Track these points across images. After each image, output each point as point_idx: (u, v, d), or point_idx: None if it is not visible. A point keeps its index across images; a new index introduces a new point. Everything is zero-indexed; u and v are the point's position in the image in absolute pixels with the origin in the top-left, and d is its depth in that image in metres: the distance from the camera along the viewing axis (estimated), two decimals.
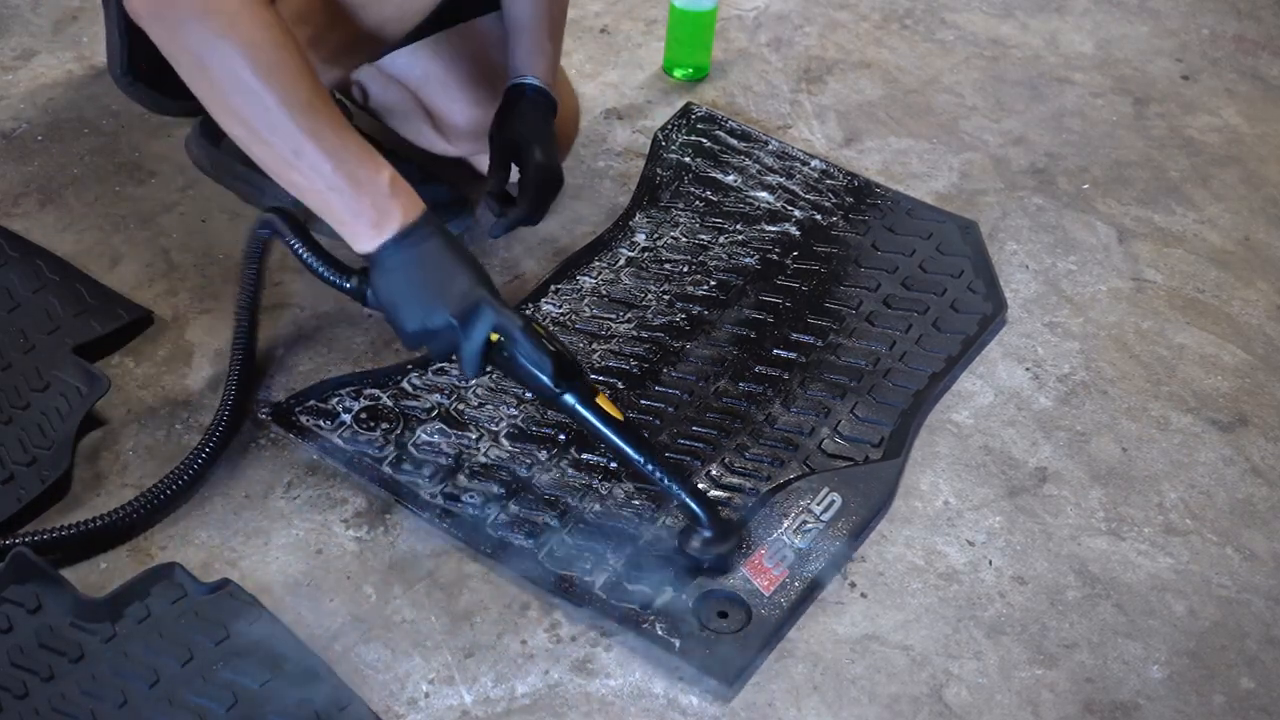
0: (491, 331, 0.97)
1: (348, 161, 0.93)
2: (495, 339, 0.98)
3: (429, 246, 0.96)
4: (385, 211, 0.95)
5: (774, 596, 1.03)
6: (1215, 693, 1.01)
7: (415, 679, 0.98)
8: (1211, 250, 1.47)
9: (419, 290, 0.96)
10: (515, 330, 0.97)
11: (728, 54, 1.73)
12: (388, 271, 0.96)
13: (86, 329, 1.19)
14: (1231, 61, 1.82)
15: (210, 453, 1.09)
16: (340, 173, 0.93)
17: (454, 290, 0.97)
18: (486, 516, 1.08)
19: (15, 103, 1.51)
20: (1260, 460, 1.22)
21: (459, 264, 0.98)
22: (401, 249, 0.95)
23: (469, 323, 0.97)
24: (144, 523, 1.05)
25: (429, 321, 0.97)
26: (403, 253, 0.95)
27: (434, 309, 0.97)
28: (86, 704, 0.92)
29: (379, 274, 0.97)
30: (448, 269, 0.97)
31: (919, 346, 1.27)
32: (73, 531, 1.02)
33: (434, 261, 0.96)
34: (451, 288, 0.97)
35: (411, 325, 0.98)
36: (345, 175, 0.93)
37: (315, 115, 0.92)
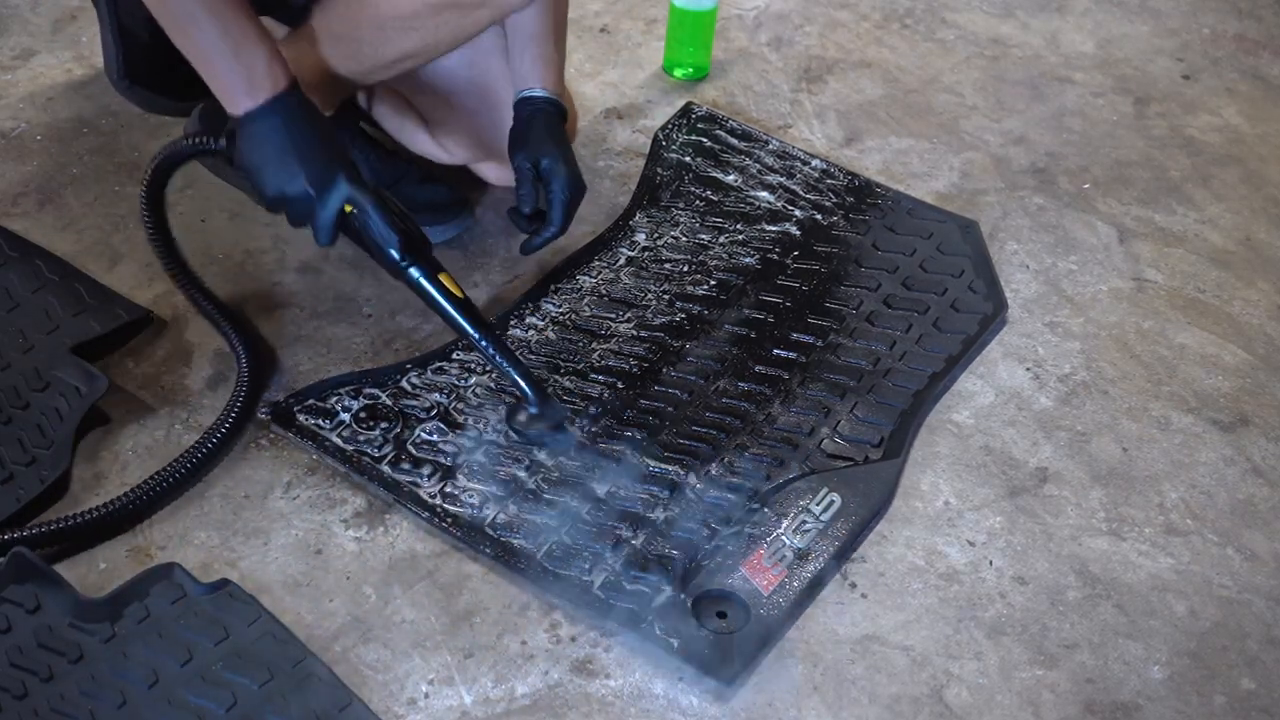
0: (345, 203, 1.04)
1: (233, 33, 1.01)
2: (349, 210, 1.04)
3: (293, 116, 1.03)
4: (255, 81, 1.02)
5: (773, 596, 1.03)
6: (1216, 693, 1.01)
7: (415, 679, 0.98)
8: (1212, 250, 1.47)
9: (280, 156, 1.03)
10: (367, 203, 1.04)
11: (728, 53, 1.73)
12: (252, 135, 1.03)
13: (86, 329, 1.19)
14: (1232, 61, 1.81)
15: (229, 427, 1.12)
16: (225, 40, 1.01)
17: (313, 160, 1.04)
18: (485, 516, 1.07)
19: (14, 102, 1.50)
20: (1261, 460, 1.21)
21: (320, 137, 1.05)
22: (268, 115, 1.02)
23: (324, 192, 1.04)
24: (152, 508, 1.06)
25: (287, 187, 1.04)
26: (268, 119, 1.02)
27: (292, 176, 1.03)
28: (86, 704, 0.92)
29: (244, 137, 1.04)
30: (309, 140, 1.04)
31: (919, 346, 1.27)
32: (90, 517, 1.02)
33: (297, 131, 1.03)
34: (311, 158, 1.04)
35: (270, 189, 1.04)
36: (230, 43, 1.01)
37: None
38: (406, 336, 1.26)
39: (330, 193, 1.04)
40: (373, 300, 1.30)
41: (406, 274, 1.07)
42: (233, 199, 1.39)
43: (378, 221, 1.05)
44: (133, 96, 1.47)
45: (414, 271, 1.07)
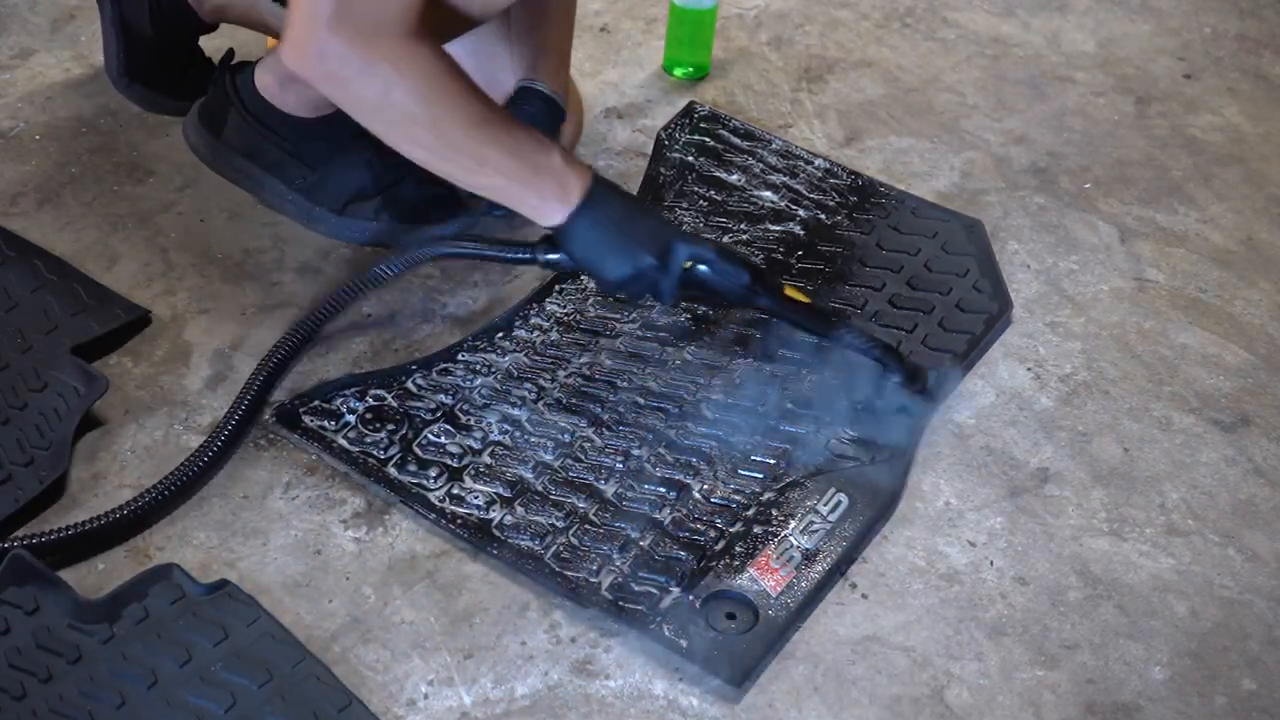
0: (688, 260, 1.09)
1: (525, 155, 1.05)
2: (688, 266, 1.10)
3: (611, 204, 1.08)
4: (566, 186, 1.06)
5: (781, 597, 1.02)
6: (1217, 694, 1.01)
7: (414, 680, 0.97)
8: (1214, 250, 1.46)
9: (617, 242, 1.08)
10: (709, 253, 1.10)
11: (728, 53, 1.73)
12: (581, 235, 1.07)
13: (84, 329, 1.19)
14: (1234, 60, 1.81)
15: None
16: (523, 167, 1.04)
17: (646, 234, 1.09)
18: (493, 518, 1.07)
19: (13, 102, 1.50)
20: (1262, 461, 1.21)
21: (640, 211, 1.11)
22: (588, 213, 1.06)
23: (668, 258, 1.09)
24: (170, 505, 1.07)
25: (633, 268, 1.08)
26: (590, 215, 1.07)
27: (635, 256, 1.08)
28: (85, 705, 0.91)
29: (573, 239, 1.08)
30: (633, 219, 1.09)
31: (924, 346, 1.27)
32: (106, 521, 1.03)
33: (620, 216, 1.09)
34: (644, 233, 1.09)
35: (616, 274, 1.09)
36: (528, 168, 1.05)
37: (489, 125, 1.03)
38: (406, 337, 1.26)
39: (673, 257, 1.08)
40: (372, 300, 1.30)
41: (759, 301, 1.13)
42: (232, 199, 1.38)
43: (722, 265, 1.10)
44: (132, 95, 1.47)
45: (764, 299, 1.13)
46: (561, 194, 1.05)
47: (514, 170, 1.04)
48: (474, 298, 1.31)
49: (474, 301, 1.31)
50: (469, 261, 1.35)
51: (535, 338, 1.25)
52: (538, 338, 1.25)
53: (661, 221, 1.13)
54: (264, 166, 1.31)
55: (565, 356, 1.23)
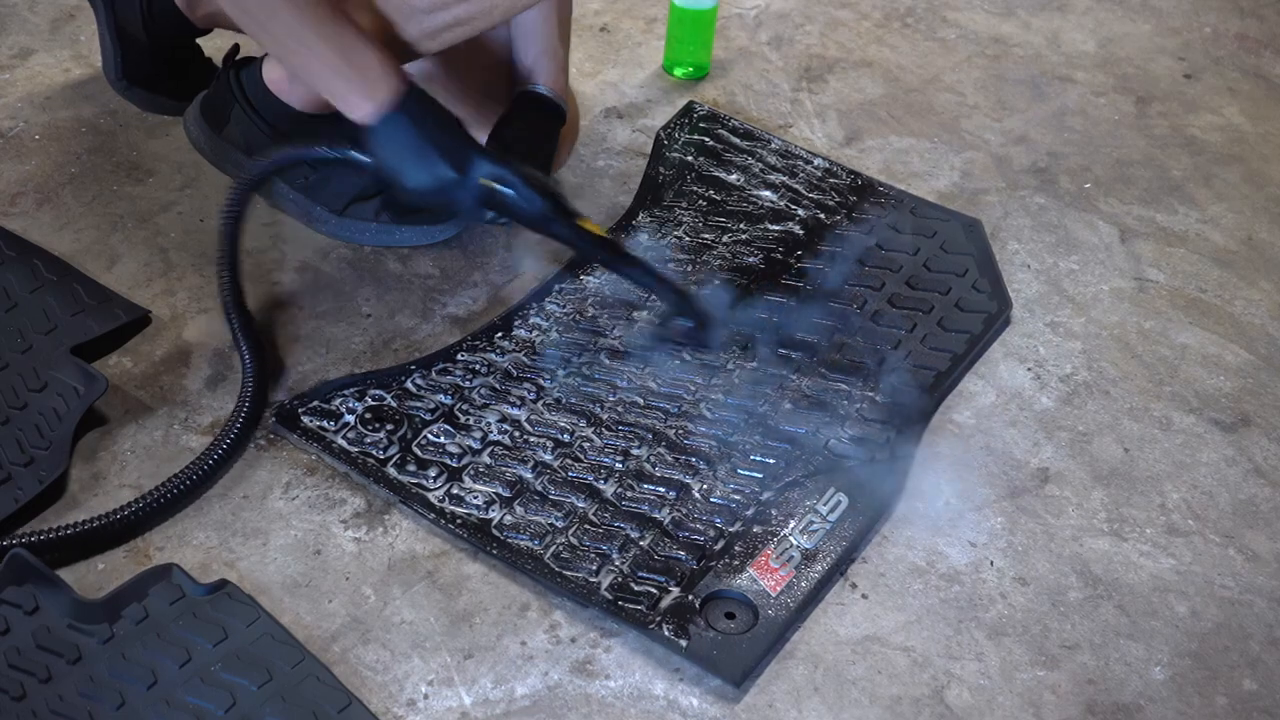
0: (487, 177, 1.12)
1: (347, 46, 1.08)
2: (487, 183, 1.12)
3: (420, 114, 1.10)
4: (374, 84, 1.08)
5: (781, 597, 1.02)
6: (1218, 694, 1.01)
7: (414, 680, 0.97)
8: (1214, 250, 1.46)
9: (417, 149, 1.10)
10: (508, 174, 1.12)
11: (728, 52, 1.73)
12: (384, 137, 1.10)
13: (84, 329, 1.19)
14: (1234, 60, 1.81)
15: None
16: (341, 58, 1.07)
17: (448, 146, 1.11)
18: (492, 518, 1.07)
19: (13, 102, 1.50)
20: (1263, 461, 1.21)
21: (446, 122, 1.13)
22: (395, 115, 1.09)
23: (467, 172, 1.11)
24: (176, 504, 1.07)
25: (431, 176, 1.11)
26: (396, 119, 1.09)
27: (434, 164, 1.11)
28: (84, 705, 0.91)
29: (376, 140, 1.10)
30: (439, 128, 1.12)
31: (924, 345, 1.27)
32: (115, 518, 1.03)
33: (426, 122, 1.11)
34: (446, 144, 1.11)
35: (414, 182, 1.12)
36: (346, 60, 1.08)
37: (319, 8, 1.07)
38: (406, 337, 1.26)
39: (472, 171, 1.11)
40: (372, 300, 1.29)
41: (552, 227, 1.16)
42: None
43: (521, 189, 1.13)
44: (131, 97, 1.47)
45: (558, 226, 1.16)
46: (370, 91, 1.08)
47: (331, 58, 1.07)
48: (474, 298, 1.31)
49: (474, 301, 1.31)
50: (469, 261, 1.35)
51: (535, 338, 1.25)
52: (537, 338, 1.25)
53: (466, 138, 1.14)
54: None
55: (565, 356, 1.23)
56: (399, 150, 1.10)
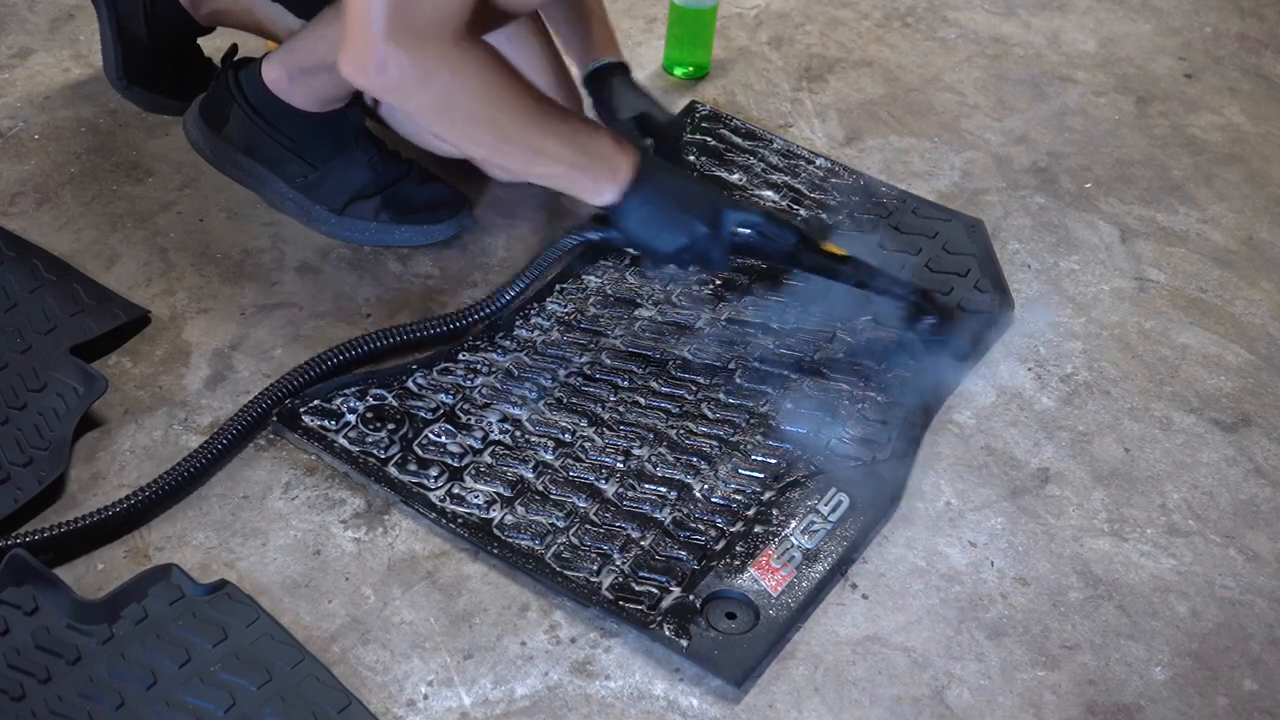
0: (737, 226, 1.14)
1: (579, 142, 1.09)
2: (737, 231, 1.15)
3: (660, 180, 1.13)
4: (616, 167, 1.10)
5: (781, 597, 1.02)
6: (1218, 694, 1.01)
7: (414, 680, 0.97)
8: (1214, 250, 1.46)
9: (668, 217, 1.12)
10: (757, 218, 1.15)
11: (728, 52, 1.73)
12: (634, 213, 1.12)
13: (84, 329, 1.19)
14: (1235, 60, 1.81)
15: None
16: (577, 153, 1.09)
17: (695, 205, 1.13)
18: (493, 518, 1.07)
19: (12, 101, 1.50)
20: (1263, 461, 1.21)
21: (687, 183, 1.16)
22: (638, 191, 1.11)
23: (718, 226, 1.14)
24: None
25: (686, 239, 1.13)
26: (640, 193, 1.11)
27: (687, 227, 1.13)
28: (84, 706, 0.91)
29: (626, 217, 1.12)
30: (681, 191, 1.14)
31: (926, 346, 1.26)
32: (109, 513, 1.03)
33: (669, 190, 1.13)
34: (693, 204, 1.13)
35: (669, 246, 1.14)
36: (582, 153, 1.09)
37: (544, 116, 1.07)
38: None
39: (723, 225, 1.13)
40: (371, 300, 1.29)
41: (803, 260, 1.19)
42: (231, 198, 1.38)
43: (770, 229, 1.15)
44: (132, 96, 1.47)
45: (809, 256, 1.19)
46: (613, 175, 1.10)
47: (569, 157, 1.08)
48: (474, 297, 1.31)
49: (474, 301, 1.31)
50: (469, 260, 1.35)
51: (536, 337, 1.25)
52: (538, 337, 1.25)
53: (708, 190, 1.17)
54: (264, 163, 1.31)
55: (566, 356, 1.23)
56: (651, 221, 1.12)
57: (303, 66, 1.25)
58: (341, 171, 1.31)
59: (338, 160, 1.31)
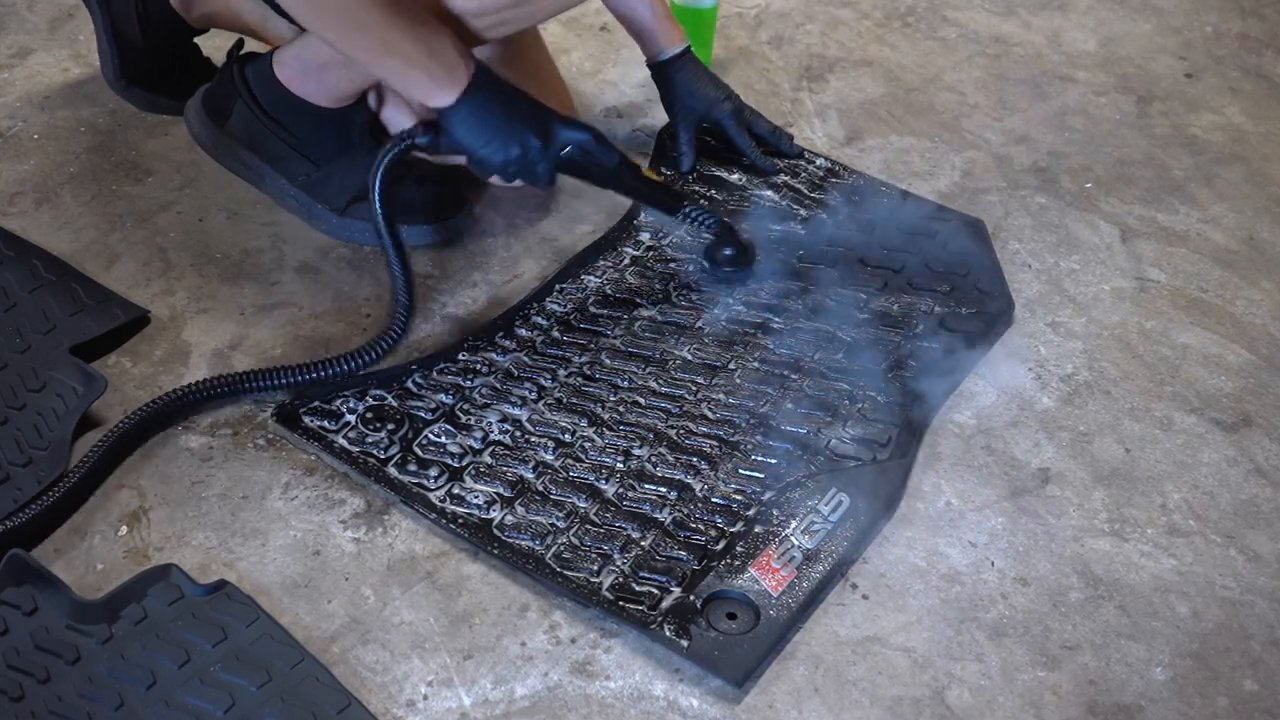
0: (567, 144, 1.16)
1: (423, 40, 1.10)
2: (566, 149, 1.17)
3: (495, 89, 1.13)
4: (454, 70, 1.11)
5: (782, 597, 1.02)
6: (1219, 695, 1.01)
7: (414, 681, 0.97)
8: (1215, 249, 1.46)
9: (500, 125, 1.13)
10: (586, 137, 1.17)
11: (728, 52, 1.73)
12: (465, 119, 1.12)
13: (83, 329, 1.19)
14: (1235, 60, 1.81)
15: None
16: (422, 51, 1.09)
17: (528, 118, 1.15)
18: (493, 518, 1.07)
19: (11, 101, 1.50)
20: (1264, 461, 1.21)
21: (521, 98, 1.16)
22: (473, 97, 1.12)
23: (549, 140, 1.15)
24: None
25: (515, 150, 1.14)
26: (475, 98, 1.12)
27: (518, 137, 1.14)
28: (83, 706, 0.91)
29: (457, 122, 1.13)
30: (516, 101, 1.15)
31: (926, 345, 1.26)
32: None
33: (505, 100, 1.14)
34: (525, 117, 1.15)
35: (498, 157, 1.14)
36: (426, 53, 1.10)
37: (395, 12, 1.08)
38: (406, 336, 1.26)
39: (554, 140, 1.15)
40: (371, 300, 1.29)
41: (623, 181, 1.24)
42: (231, 198, 1.38)
43: (598, 148, 1.18)
44: (129, 97, 1.47)
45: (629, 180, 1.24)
46: (450, 77, 1.10)
47: (412, 55, 1.09)
48: (474, 298, 1.31)
49: (474, 301, 1.31)
50: (468, 261, 1.35)
51: (535, 337, 1.25)
52: (538, 337, 1.25)
53: (540, 105, 1.17)
54: (267, 159, 1.31)
55: (566, 356, 1.23)
56: (482, 128, 1.12)
57: (319, 61, 1.25)
58: (344, 171, 1.31)
59: (341, 160, 1.31)
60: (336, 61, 1.23)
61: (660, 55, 1.43)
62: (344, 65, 1.23)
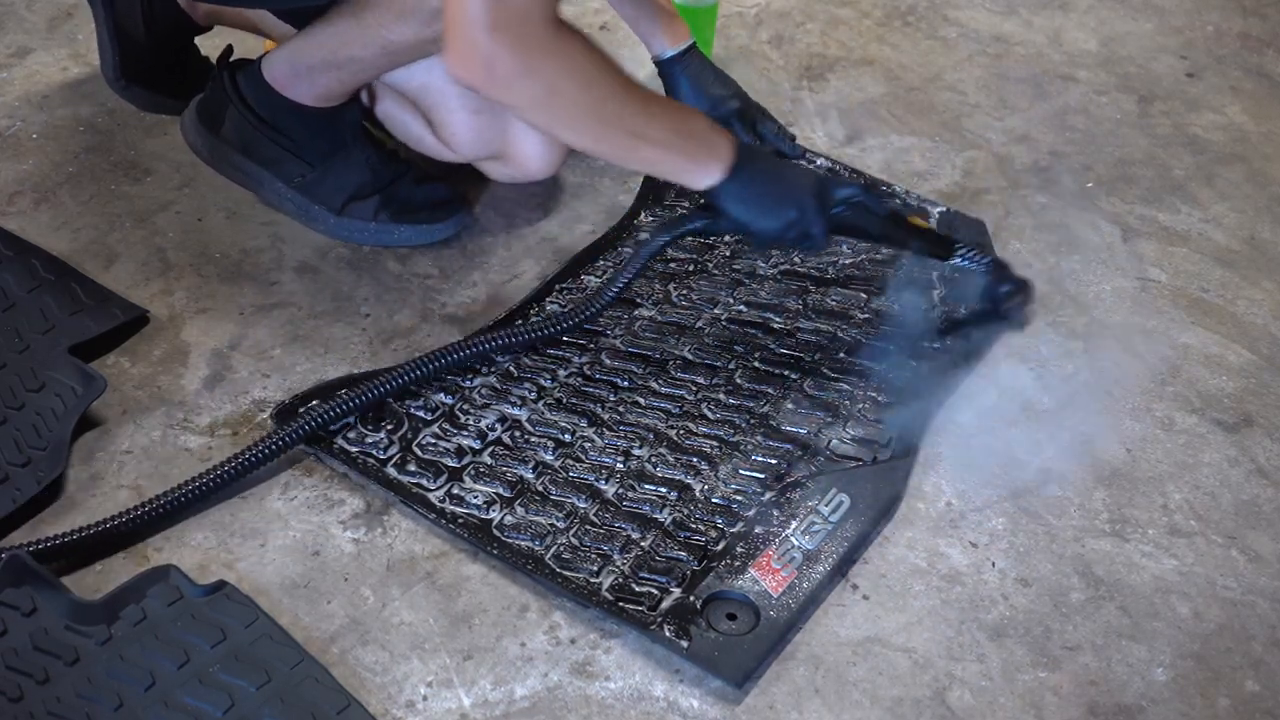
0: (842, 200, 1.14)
1: (677, 125, 1.09)
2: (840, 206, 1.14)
3: (758, 161, 1.12)
4: (716, 148, 1.10)
5: (782, 598, 1.02)
6: (1220, 695, 1.01)
7: (413, 681, 0.97)
8: (1216, 249, 1.46)
9: (771, 195, 1.12)
10: (857, 191, 1.15)
11: (729, 51, 1.72)
12: (736, 194, 1.11)
13: (82, 328, 1.18)
14: (1236, 59, 1.81)
15: None
16: (677, 136, 1.08)
17: (797, 183, 1.13)
18: (493, 518, 1.07)
19: (10, 101, 1.50)
20: (1265, 461, 1.21)
21: (782, 164, 1.16)
22: (740, 173, 1.10)
23: (825, 200, 1.13)
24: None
25: (792, 214, 1.12)
26: (746, 173, 1.10)
27: (794, 202, 1.12)
28: (82, 707, 0.91)
29: (729, 199, 1.11)
30: (783, 170, 1.14)
31: (926, 345, 1.26)
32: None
33: (772, 169, 1.13)
34: (799, 181, 1.13)
35: (774, 225, 1.12)
36: (683, 137, 1.09)
37: (644, 101, 1.07)
38: (405, 337, 1.26)
39: (828, 198, 1.13)
40: (370, 300, 1.29)
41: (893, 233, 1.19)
42: (230, 198, 1.38)
43: (871, 199, 1.15)
44: (129, 96, 1.47)
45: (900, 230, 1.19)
46: (713, 155, 1.09)
47: (670, 141, 1.08)
48: (473, 298, 1.31)
49: (473, 301, 1.31)
50: (468, 260, 1.35)
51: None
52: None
53: (805, 170, 1.17)
54: (262, 163, 1.31)
55: (565, 356, 1.23)
56: (756, 200, 1.11)
57: (309, 64, 1.24)
58: (340, 171, 1.31)
59: (336, 159, 1.31)
60: (326, 63, 1.23)
61: (665, 53, 1.43)
62: (335, 67, 1.23)
